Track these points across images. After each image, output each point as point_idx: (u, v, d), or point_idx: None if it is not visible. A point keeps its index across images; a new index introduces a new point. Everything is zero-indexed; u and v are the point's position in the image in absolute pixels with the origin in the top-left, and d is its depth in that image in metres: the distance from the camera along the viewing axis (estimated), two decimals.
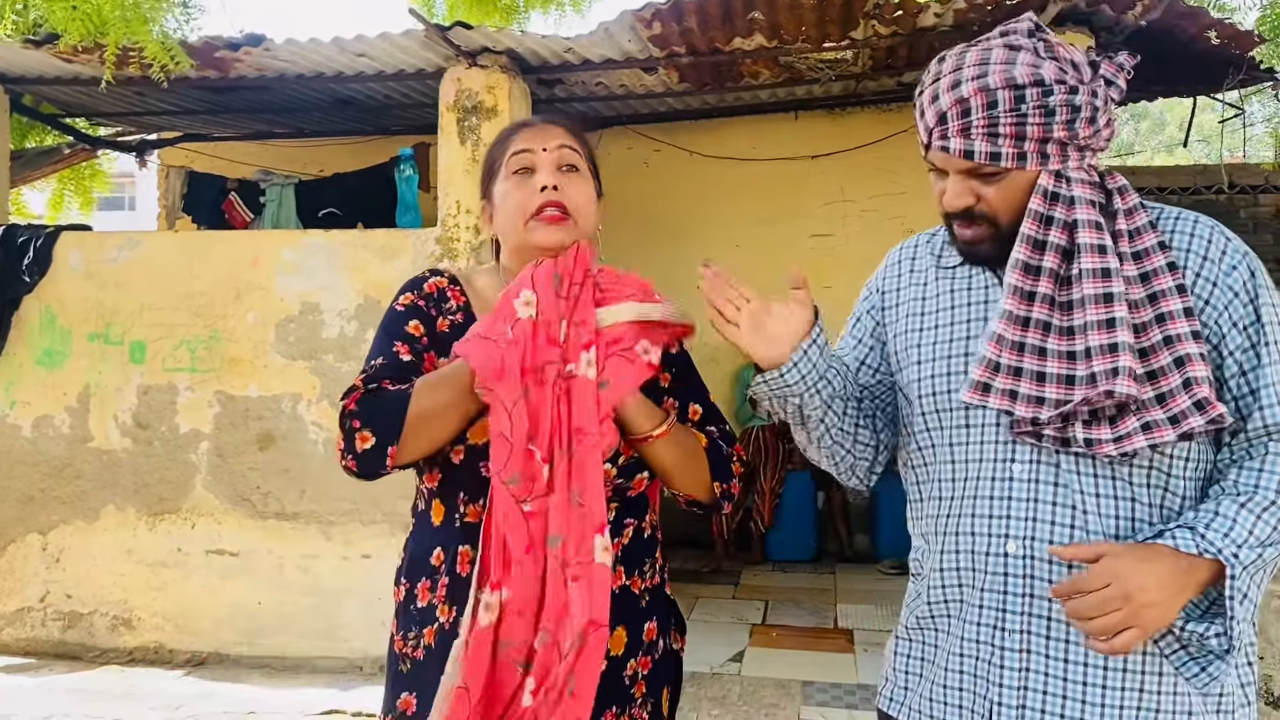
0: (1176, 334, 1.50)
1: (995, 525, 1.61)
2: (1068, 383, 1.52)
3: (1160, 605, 1.43)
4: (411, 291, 1.84)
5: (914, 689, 1.75)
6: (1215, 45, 4.70)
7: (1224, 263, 1.56)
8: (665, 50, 5.22)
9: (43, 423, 5.51)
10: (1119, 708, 1.53)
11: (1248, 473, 1.52)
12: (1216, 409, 1.46)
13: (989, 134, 1.54)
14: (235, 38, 5.12)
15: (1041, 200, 1.56)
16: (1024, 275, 1.57)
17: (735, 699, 4.60)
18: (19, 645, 5.46)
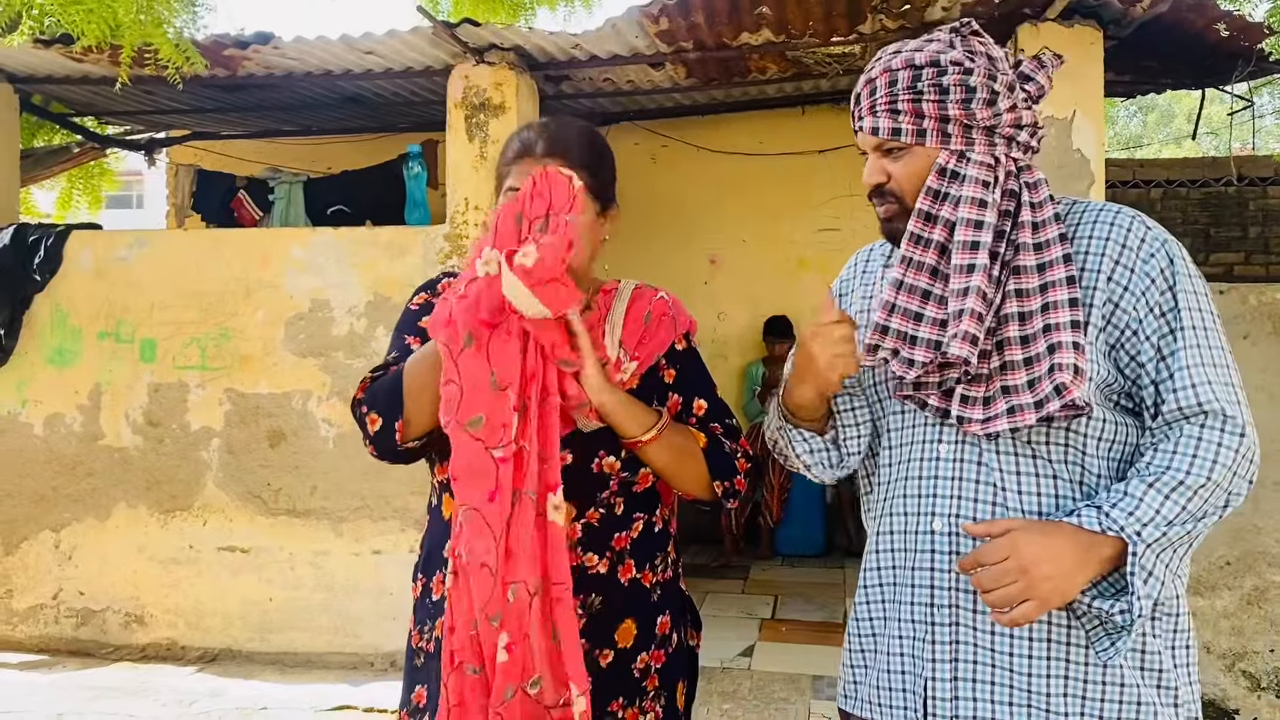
0: (1056, 322, 1.56)
1: (923, 504, 1.68)
2: (935, 347, 1.61)
3: (1057, 579, 1.48)
4: (424, 291, 1.92)
5: (863, 680, 1.79)
6: (1224, 37, 4.68)
7: (1142, 250, 1.62)
8: (672, 46, 5.22)
9: (54, 421, 5.54)
10: (1046, 676, 1.59)
11: (1160, 454, 1.55)
12: (1071, 394, 1.52)
13: (890, 111, 1.65)
14: (244, 36, 5.13)
15: (936, 177, 1.64)
16: (913, 246, 1.66)
17: (745, 693, 4.61)
18: (33, 642, 5.50)
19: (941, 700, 1.64)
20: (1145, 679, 1.59)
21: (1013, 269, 1.62)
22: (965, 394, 1.60)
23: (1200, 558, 4.40)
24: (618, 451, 1.77)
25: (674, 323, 1.90)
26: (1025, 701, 1.59)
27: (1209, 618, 4.41)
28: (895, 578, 1.73)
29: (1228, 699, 4.39)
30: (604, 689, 1.78)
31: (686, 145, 7.62)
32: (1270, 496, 4.35)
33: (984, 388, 1.60)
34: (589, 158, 1.85)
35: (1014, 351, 1.59)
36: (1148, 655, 1.59)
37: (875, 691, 1.75)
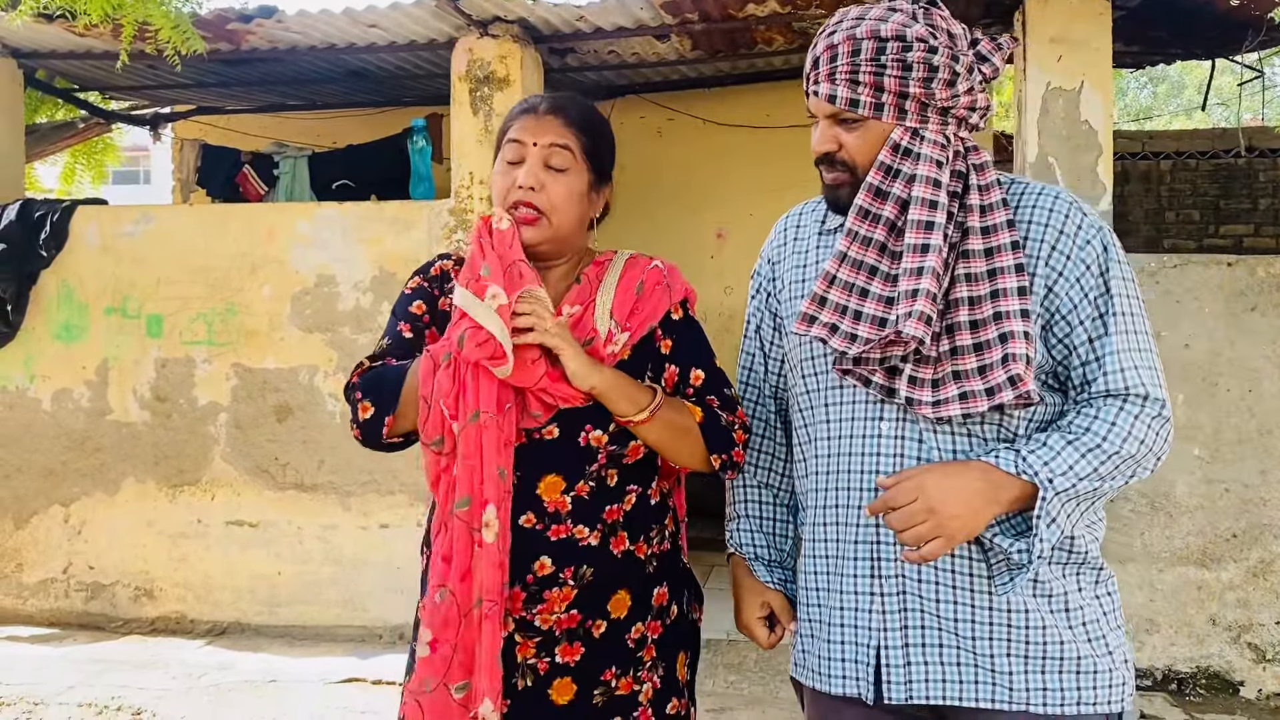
0: (1006, 311, 1.60)
1: (865, 480, 1.70)
2: (880, 324, 1.62)
3: (964, 516, 1.56)
4: (418, 275, 1.97)
5: (810, 650, 1.82)
6: (1234, 7, 4.64)
7: (1079, 237, 1.66)
8: (678, 17, 5.18)
9: (62, 396, 5.55)
10: (989, 639, 1.65)
11: (1083, 417, 1.63)
12: (1025, 385, 1.56)
13: (850, 80, 1.64)
14: (247, 10, 5.11)
15: (890, 153, 1.65)
16: (861, 220, 1.66)
17: (751, 666, 4.63)
18: (43, 616, 5.54)
19: (896, 667, 1.67)
20: (1076, 634, 1.65)
21: (960, 252, 1.63)
22: (914, 375, 1.62)
23: (1206, 530, 4.40)
24: (604, 425, 1.77)
25: (668, 291, 1.89)
26: (973, 662, 1.64)
27: (1215, 590, 4.41)
28: (839, 550, 1.74)
29: (1233, 670, 4.40)
30: (597, 658, 1.80)
31: (692, 118, 7.58)
32: (1277, 468, 4.35)
33: (933, 370, 1.62)
34: (586, 122, 1.86)
35: (964, 336, 1.62)
36: (1072, 611, 1.66)
37: (819, 661, 1.78)
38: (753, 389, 1.98)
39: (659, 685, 1.87)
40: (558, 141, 1.80)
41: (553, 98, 1.87)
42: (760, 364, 1.97)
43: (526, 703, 1.77)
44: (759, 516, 1.97)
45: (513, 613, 1.76)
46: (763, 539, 1.96)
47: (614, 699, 1.82)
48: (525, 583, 1.75)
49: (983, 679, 1.65)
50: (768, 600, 1.92)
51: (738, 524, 1.98)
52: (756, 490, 1.97)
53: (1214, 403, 4.37)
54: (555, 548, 1.76)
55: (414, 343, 1.86)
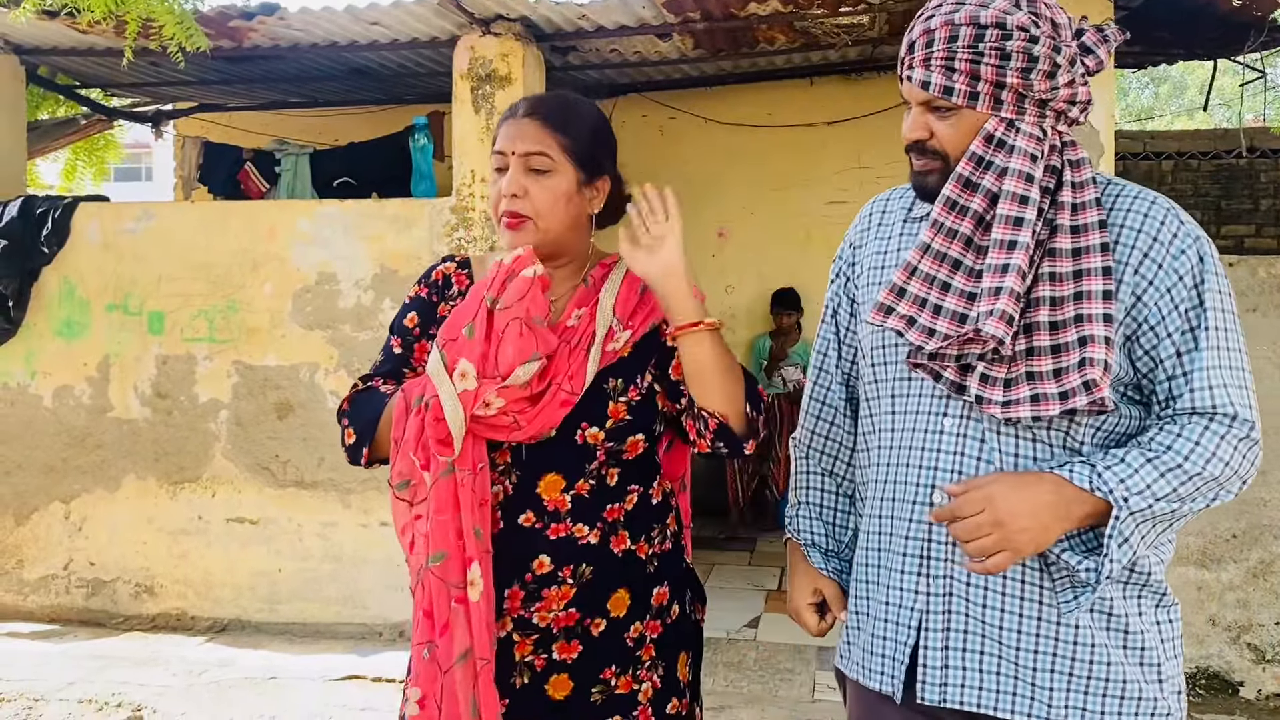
0: (1088, 314, 1.53)
1: (924, 475, 1.66)
2: (959, 321, 1.57)
3: (1032, 530, 1.49)
4: (419, 283, 1.98)
5: (855, 643, 1.80)
6: (1236, 7, 4.64)
7: (1173, 246, 1.58)
8: (679, 16, 5.18)
9: (63, 393, 5.56)
10: (1034, 652, 1.59)
11: (1165, 434, 1.55)
12: (1100, 391, 1.50)
13: (946, 67, 1.58)
14: (249, 7, 5.12)
15: (983, 144, 1.59)
16: (948, 212, 1.61)
17: (751, 664, 4.63)
18: (44, 612, 5.54)
19: (932, 669, 1.64)
20: (1129, 656, 1.60)
21: (1047, 250, 1.57)
22: (986, 373, 1.56)
23: (1206, 530, 4.40)
24: (600, 422, 1.78)
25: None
26: (1013, 673, 1.60)
27: (1214, 590, 4.41)
28: (891, 544, 1.72)
29: (1232, 671, 4.40)
30: (596, 656, 1.81)
31: (694, 117, 7.58)
32: (1277, 470, 4.35)
33: (1006, 369, 1.56)
34: (564, 121, 1.85)
35: (1041, 337, 1.56)
36: (1130, 634, 1.60)
37: (865, 655, 1.76)
38: (825, 375, 1.95)
39: (659, 685, 1.87)
40: (534, 149, 1.81)
41: (532, 100, 1.88)
42: (834, 349, 1.94)
43: (523, 699, 1.77)
44: (819, 504, 1.95)
45: (510, 611, 1.76)
46: (821, 527, 1.94)
47: (613, 698, 1.82)
48: (524, 581, 1.76)
49: (1021, 691, 1.60)
50: (820, 587, 1.89)
51: (798, 510, 1.96)
52: (820, 478, 1.95)
53: None
54: (554, 546, 1.76)
55: (404, 358, 1.91)
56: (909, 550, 1.68)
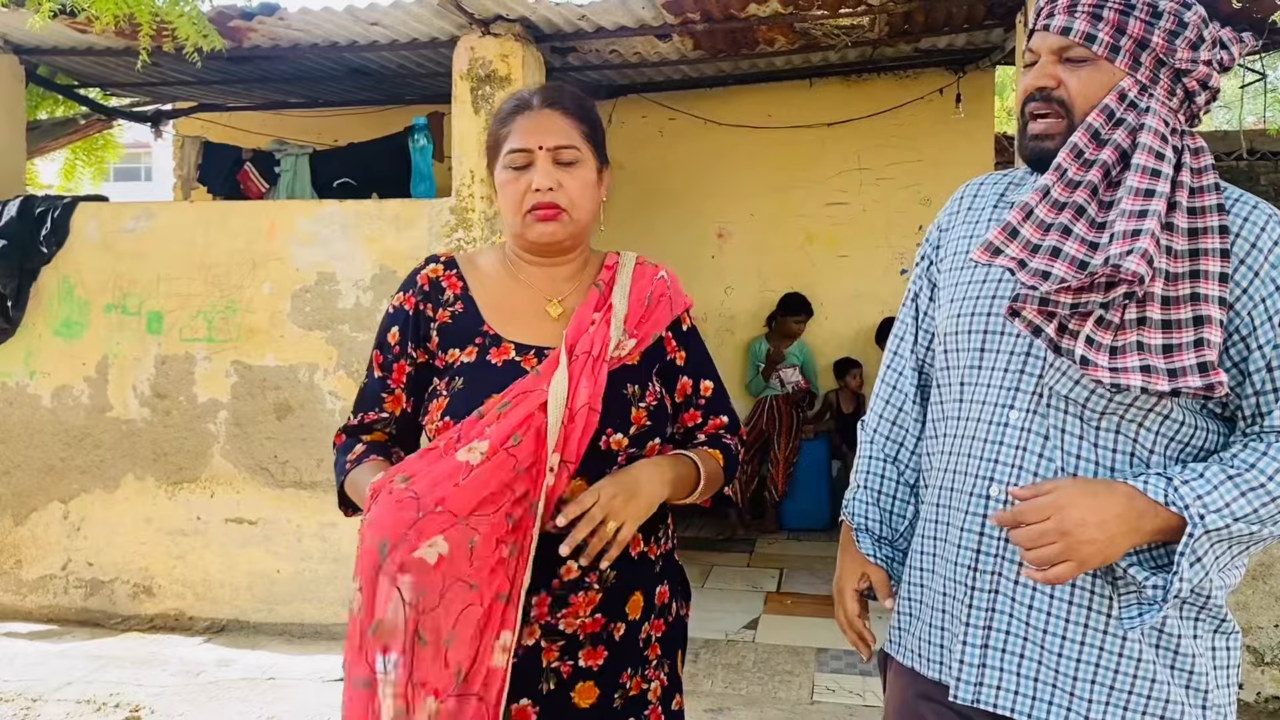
0: (1205, 294, 1.48)
1: (983, 467, 1.62)
2: (1080, 267, 1.49)
3: (1101, 542, 1.43)
4: (404, 291, 1.88)
5: (907, 629, 1.79)
6: (1236, 9, 4.63)
7: (1274, 254, 1.52)
8: (679, 17, 5.18)
9: (62, 393, 5.55)
10: (1076, 661, 1.55)
11: (1249, 452, 1.50)
12: (1218, 375, 1.43)
13: (1092, 15, 1.54)
14: (249, 7, 5.12)
15: (1117, 99, 1.54)
16: (1073, 159, 1.55)
17: (750, 666, 4.63)
18: (42, 612, 5.53)
19: (969, 665, 1.62)
20: (1175, 677, 1.55)
21: (1165, 225, 1.51)
22: (1092, 336, 1.47)
23: None
24: (625, 429, 1.78)
25: (671, 304, 1.92)
26: (1051, 680, 1.56)
27: None
28: (946, 534, 1.69)
29: None
30: (617, 661, 1.79)
31: (694, 118, 7.58)
32: None
33: (1113, 335, 1.48)
34: (582, 110, 1.86)
35: (1154, 309, 1.48)
36: (1180, 655, 1.55)
37: (918, 643, 1.75)
38: (899, 359, 1.92)
39: (665, 683, 1.88)
40: (564, 141, 1.80)
41: (544, 92, 1.86)
42: (910, 334, 1.90)
43: (551, 706, 1.75)
44: (878, 490, 1.91)
45: (538, 618, 1.73)
46: (876, 512, 1.90)
47: (629, 700, 1.81)
48: (551, 587, 1.72)
49: (1058, 700, 1.56)
50: (867, 573, 1.87)
51: (855, 493, 1.94)
52: (881, 463, 1.92)
53: None
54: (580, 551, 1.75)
55: (383, 383, 1.87)
56: (963, 542, 1.65)
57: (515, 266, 1.89)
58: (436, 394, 1.79)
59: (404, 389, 1.86)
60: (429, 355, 1.83)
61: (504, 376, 1.73)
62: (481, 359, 1.77)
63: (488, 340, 1.79)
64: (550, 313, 1.84)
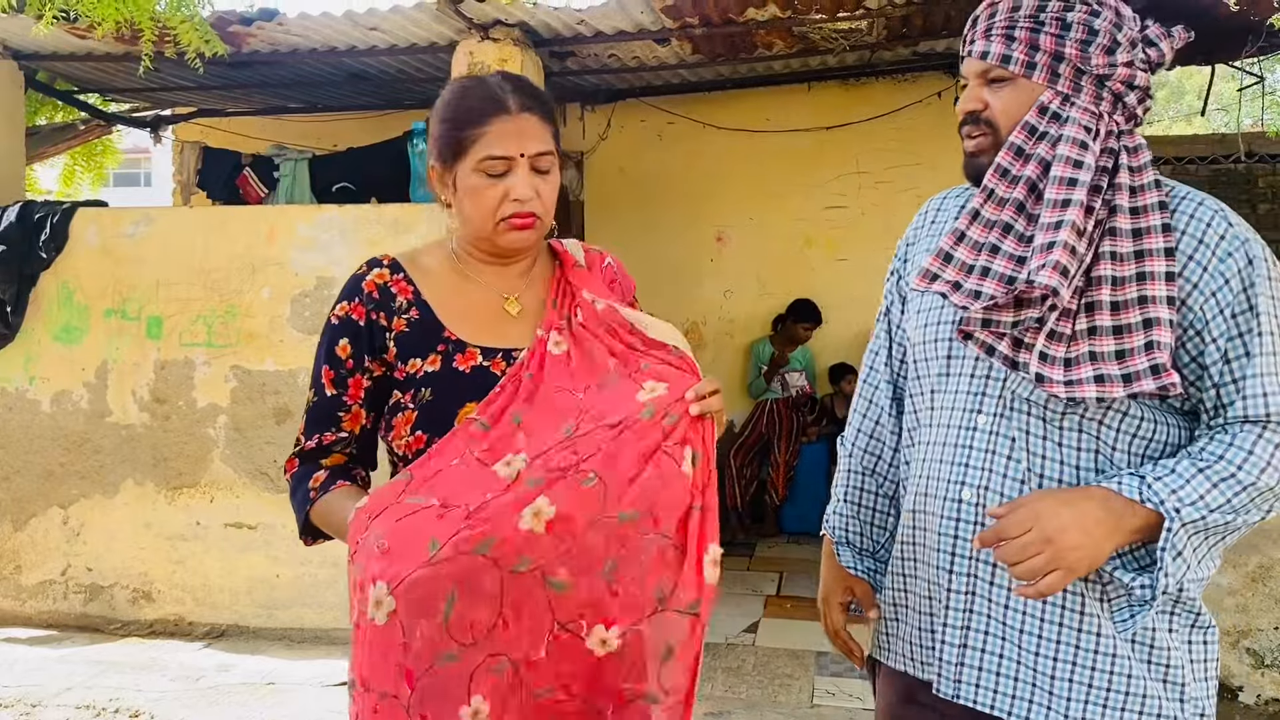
0: (1152, 295, 1.51)
1: (954, 472, 1.66)
2: (1008, 283, 1.53)
3: (1086, 547, 1.45)
4: (348, 300, 1.74)
5: (894, 633, 1.81)
6: (1234, 12, 4.63)
7: (1219, 248, 1.54)
8: (678, 21, 5.19)
9: (62, 398, 5.55)
10: (1053, 659, 1.58)
11: (1216, 444, 1.52)
12: (1170, 376, 1.47)
13: (1005, 36, 1.60)
14: (248, 12, 5.13)
15: (1037, 114, 1.59)
16: (999, 179, 1.60)
17: (750, 669, 4.63)
18: (41, 618, 5.53)
19: (948, 664, 1.65)
20: (1152, 671, 1.56)
21: (1107, 230, 1.54)
22: (1045, 351, 1.51)
23: None
24: None
25: (623, 288, 1.90)
26: (1030, 678, 1.59)
27: (1213, 595, 4.41)
28: (924, 538, 1.72)
29: (1231, 677, 4.39)
30: None
31: (693, 122, 7.59)
32: None
33: (1066, 348, 1.52)
34: (551, 112, 1.77)
35: (1103, 316, 1.52)
36: (1156, 649, 1.57)
37: (906, 645, 1.77)
38: (874, 373, 1.96)
39: None
40: (544, 149, 1.71)
41: (517, 93, 1.72)
42: (884, 348, 1.94)
43: None
44: (857, 503, 1.96)
45: None
46: (857, 525, 1.95)
47: None
48: None
49: (1038, 699, 1.58)
50: (851, 586, 1.92)
51: (835, 506, 1.98)
52: (860, 476, 1.97)
53: None
54: None
55: (337, 401, 1.72)
56: (940, 546, 1.68)
57: (467, 266, 1.79)
58: (401, 407, 1.68)
59: (362, 405, 1.73)
60: (386, 367, 1.71)
61: (473, 383, 1.65)
62: (448, 367, 1.68)
63: (451, 347, 1.69)
64: (509, 311, 1.76)
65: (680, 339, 1.70)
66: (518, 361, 1.66)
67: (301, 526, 1.75)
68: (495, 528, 1.46)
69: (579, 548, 1.49)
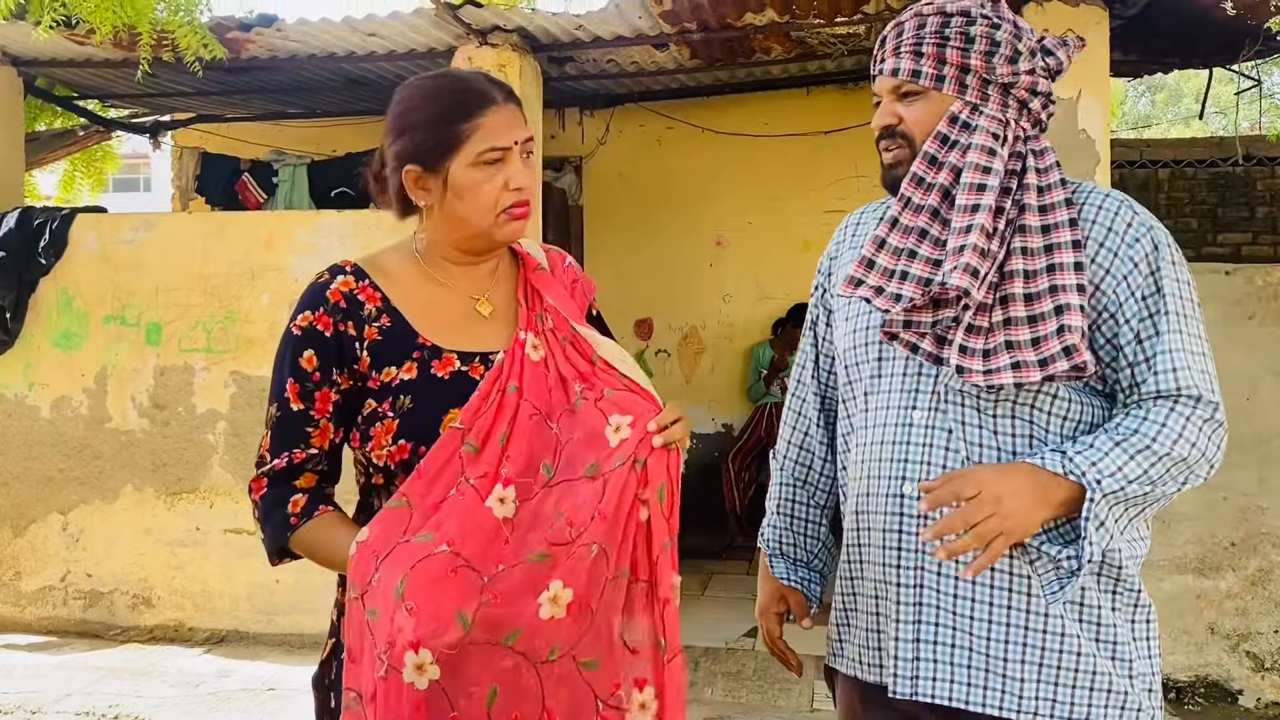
0: (1062, 284, 1.59)
1: (895, 468, 1.71)
2: (924, 285, 1.62)
3: (1021, 513, 1.52)
4: (311, 310, 1.68)
5: (847, 639, 1.85)
6: (1232, 16, 4.65)
7: (1127, 235, 1.65)
8: (676, 26, 5.20)
9: (61, 404, 5.55)
10: (1004, 643, 1.63)
11: (1131, 419, 1.60)
12: (1081, 356, 1.54)
13: (913, 53, 1.68)
14: (247, 19, 5.13)
15: (948, 123, 1.67)
16: (914, 187, 1.68)
17: (750, 674, 4.62)
18: (41, 624, 5.53)
19: (902, 660, 1.68)
20: (1100, 649, 1.63)
21: (1018, 227, 1.64)
22: (965, 344, 1.60)
23: (1205, 538, 4.40)
24: None
25: (584, 288, 1.88)
26: (983, 665, 1.63)
27: (1213, 599, 4.41)
28: (869, 538, 1.76)
29: (1232, 680, 4.39)
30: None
31: (692, 127, 7.59)
32: (1276, 476, 4.35)
33: (984, 340, 1.60)
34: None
35: (1018, 308, 1.61)
36: (1103, 627, 1.63)
37: (857, 650, 1.81)
38: (802, 387, 2.03)
39: None
40: (529, 135, 1.71)
41: (491, 82, 1.71)
42: (810, 361, 2.01)
43: None
44: (789, 515, 2.03)
45: None
46: (790, 536, 2.02)
47: None
48: None
49: (992, 684, 1.63)
50: (785, 596, 1.98)
51: (769, 519, 2.05)
52: (791, 488, 2.03)
53: None
54: None
55: (304, 416, 1.65)
56: (885, 543, 1.72)
57: (435, 268, 1.76)
58: (379, 416, 1.63)
59: (330, 419, 1.67)
60: (356, 378, 1.65)
61: (453, 389, 1.62)
62: (425, 374, 1.64)
63: (427, 353, 1.65)
64: (481, 311, 1.74)
65: (629, 362, 1.70)
66: (497, 365, 1.64)
67: (275, 550, 1.71)
68: (517, 613, 1.46)
69: (598, 623, 1.51)
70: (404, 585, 1.45)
